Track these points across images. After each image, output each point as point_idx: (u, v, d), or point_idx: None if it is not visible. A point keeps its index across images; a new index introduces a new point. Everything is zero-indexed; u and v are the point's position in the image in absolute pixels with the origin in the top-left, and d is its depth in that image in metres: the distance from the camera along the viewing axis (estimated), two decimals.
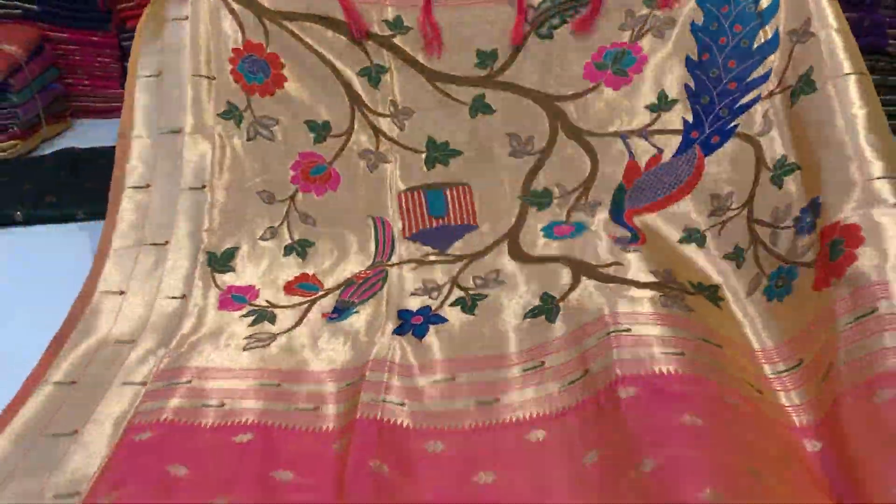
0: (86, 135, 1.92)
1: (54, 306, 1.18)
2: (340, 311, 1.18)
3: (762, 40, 1.22)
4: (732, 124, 1.22)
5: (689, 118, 1.24)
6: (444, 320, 1.14)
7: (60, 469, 0.92)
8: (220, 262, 1.24)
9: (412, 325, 1.14)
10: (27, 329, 1.18)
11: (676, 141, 1.24)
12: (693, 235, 1.19)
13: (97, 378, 1.07)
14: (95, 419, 0.99)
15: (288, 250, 1.26)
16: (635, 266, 1.13)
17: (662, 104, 1.25)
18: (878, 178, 1.05)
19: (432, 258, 1.24)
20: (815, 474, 0.84)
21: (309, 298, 1.21)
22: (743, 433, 0.84)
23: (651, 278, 1.10)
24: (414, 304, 1.17)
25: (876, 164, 1.07)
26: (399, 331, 1.12)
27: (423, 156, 1.31)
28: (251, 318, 1.18)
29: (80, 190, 1.56)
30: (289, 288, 1.22)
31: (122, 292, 1.20)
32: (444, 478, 0.90)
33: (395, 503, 0.85)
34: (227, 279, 1.22)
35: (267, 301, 1.20)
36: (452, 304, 1.16)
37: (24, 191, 1.54)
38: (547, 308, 1.11)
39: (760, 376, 0.99)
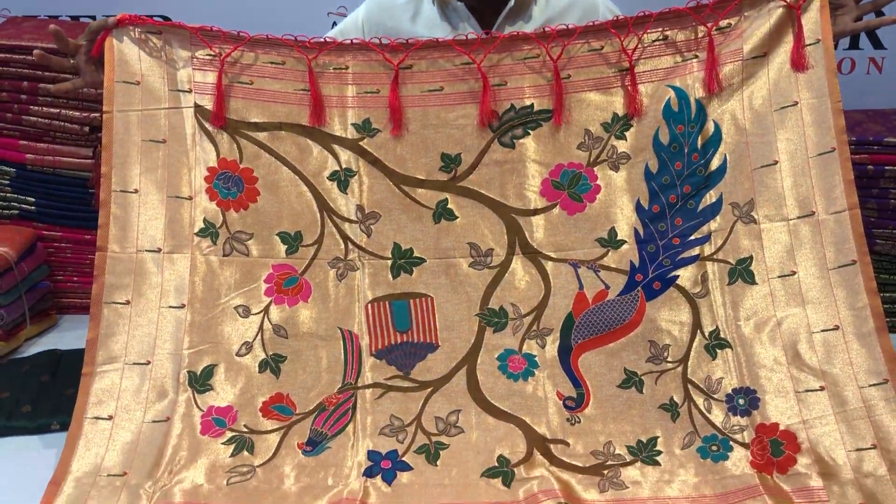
0: (71, 332, 1.88)
1: None
2: (314, 444, 1.31)
3: (707, 203, 1.35)
4: (673, 274, 1.35)
5: (636, 262, 1.36)
6: (409, 468, 1.28)
7: None
8: (200, 381, 1.33)
9: (382, 468, 1.28)
10: None
11: (622, 280, 1.36)
12: (632, 379, 1.34)
13: None
14: None
15: (262, 366, 1.35)
16: (580, 445, 1.30)
17: (612, 242, 1.36)
18: (816, 390, 1.25)
19: (397, 383, 1.36)
20: None
21: (284, 424, 1.32)
22: None
23: (592, 461, 1.28)
24: (382, 445, 1.30)
25: (811, 378, 1.26)
26: (368, 472, 1.27)
27: (390, 263, 1.39)
28: (232, 447, 1.30)
29: (59, 398, 1.53)
30: (265, 410, 1.33)
31: (110, 417, 1.28)
32: None
33: None
34: (208, 399, 1.32)
35: (245, 426, 1.31)
36: (417, 451, 1.30)
37: (2, 399, 1.53)
38: (503, 471, 1.28)
39: None
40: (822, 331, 1.28)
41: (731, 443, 1.27)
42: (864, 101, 1.97)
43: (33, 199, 1.92)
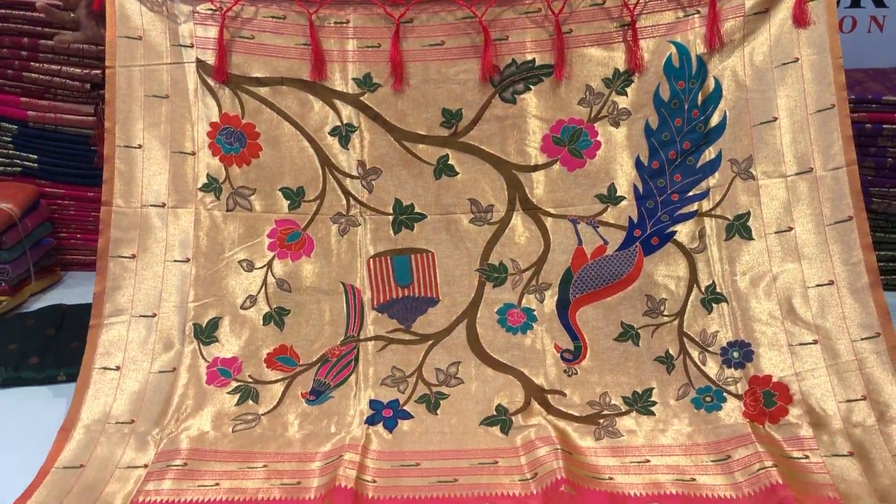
0: (75, 288, 1.92)
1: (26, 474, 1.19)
2: (318, 394, 1.34)
3: (706, 159, 1.36)
4: (671, 230, 1.36)
5: (634, 217, 1.37)
6: (410, 416, 1.32)
7: None
8: (206, 333, 1.36)
9: (383, 416, 1.32)
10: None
11: (621, 236, 1.38)
12: (629, 333, 1.36)
13: (103, 461, 1.22)
14: (104, 500, 1.15)
15: (266, 319, 1.38)
16: (577, 396, 1.33)
17: (611, 198, 1.38)
18: (809, 344, 1.28)
19: (398, 336, 1.38)
20: None
21: (288, 374, 1.36)
22: None
23: (588, 410, 1.31)
24: (384, 394, 1.34)
25: (805, 332, 1.28)
26: (371, 420, 1.31)
27: (391, 218, 1.41)
28: (237, 396, 1.33)
29: (64, 350, 1.56)
30: (269, 361, 1.36)
31: (117, 368, 1.32)
32: None
33: None
34: (213, 350, 1.35)
35: (250, 377, 1.35)
36: (418, 401, 1.34)
37: (9, 351, 1.56)
38: (501, 419, 1.31)
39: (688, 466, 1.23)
40: (817, 286, 1.30)
41: (724, 394, 1.30)
42: (865, 60, 1.96)
43: (36, 157, 1.94)
